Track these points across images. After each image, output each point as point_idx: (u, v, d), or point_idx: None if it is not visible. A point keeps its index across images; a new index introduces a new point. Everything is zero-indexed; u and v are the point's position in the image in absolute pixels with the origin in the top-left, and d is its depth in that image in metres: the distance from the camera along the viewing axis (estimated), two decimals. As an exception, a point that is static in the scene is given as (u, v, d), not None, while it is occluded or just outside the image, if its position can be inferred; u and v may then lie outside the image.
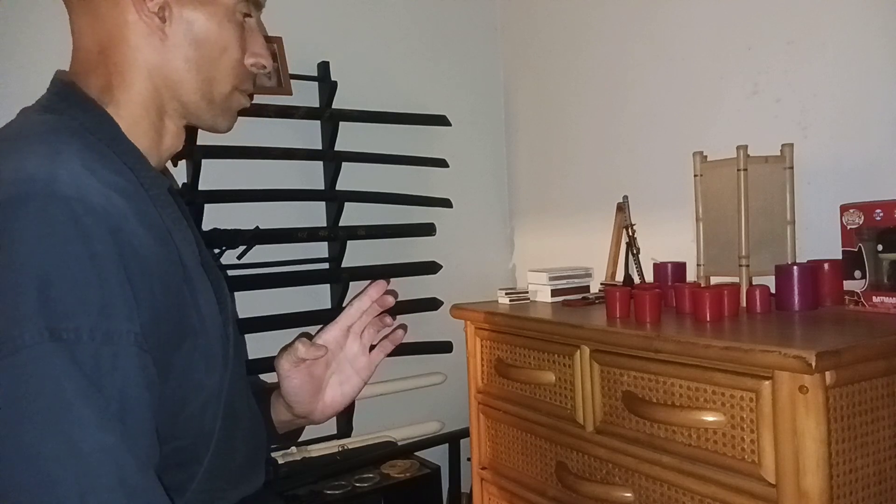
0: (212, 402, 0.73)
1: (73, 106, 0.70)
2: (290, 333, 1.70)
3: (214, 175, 1.62)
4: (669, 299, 1.24)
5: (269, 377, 1.09)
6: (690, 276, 1.37)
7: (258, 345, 1.27)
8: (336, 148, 1.83)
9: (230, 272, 1.61)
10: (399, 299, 2.14)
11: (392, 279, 1.90)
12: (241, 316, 1.40)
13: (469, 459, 1.49)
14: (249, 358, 0.98)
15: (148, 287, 0.62)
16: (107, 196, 0.61)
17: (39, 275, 0.56)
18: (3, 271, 0.56)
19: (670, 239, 1.56)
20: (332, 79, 1.82)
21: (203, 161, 1.59)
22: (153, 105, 0.74)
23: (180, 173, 1.63)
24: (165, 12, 0.71)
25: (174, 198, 0.78)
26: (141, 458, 0.58)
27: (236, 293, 1.49)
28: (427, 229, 1.95)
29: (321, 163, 1.85)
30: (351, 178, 1.84)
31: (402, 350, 1.88)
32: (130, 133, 0.72)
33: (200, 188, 1.60)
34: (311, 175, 1.84)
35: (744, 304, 1.17)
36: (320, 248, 1.82)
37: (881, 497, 0.88)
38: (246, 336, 0.99)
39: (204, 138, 1.55)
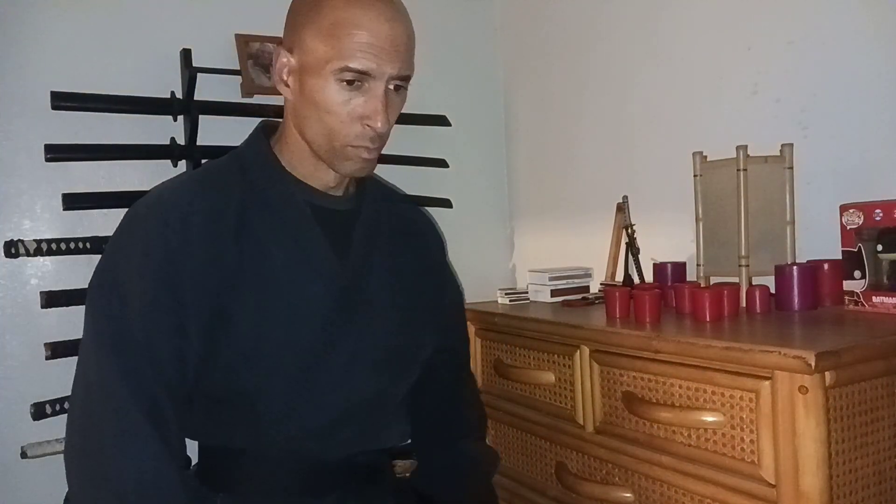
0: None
1: (248, 146, 1.00)
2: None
3: (214, 175, 1.61)
4: (669, 299, 1.24)
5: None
6: (690, 276, 1.37)
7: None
8: (336, 148, 1.82)
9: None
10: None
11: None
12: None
13: (469, 459, 1.49)
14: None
15: (180, 283, 0.87)
16: (183, 216, 0.88)
17: (111, 265, 0.89)
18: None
19: (670, 239, 1.55)
20: (332, 79, 1.81)
21: (203, 161, 1.59)
22: (302, 142, 0.95)
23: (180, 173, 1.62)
24: (288, 79, 0.93)
25: (319, 214, 0.96)
26: (126, 372, 0.83)
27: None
28: (427, 229, 1.94)
29: (321, 163, 1.85)
30: (351, 178, 1.84)
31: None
32: (293, 160, 0.96)
33: (200, 188, 1.59)
34: (310, 175, 1.83)
35: (743, 304, 1.17)
36: (320, 248, 1.81)
37: (881, 497, 0.88)
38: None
39: (203, 138, 1.55)
